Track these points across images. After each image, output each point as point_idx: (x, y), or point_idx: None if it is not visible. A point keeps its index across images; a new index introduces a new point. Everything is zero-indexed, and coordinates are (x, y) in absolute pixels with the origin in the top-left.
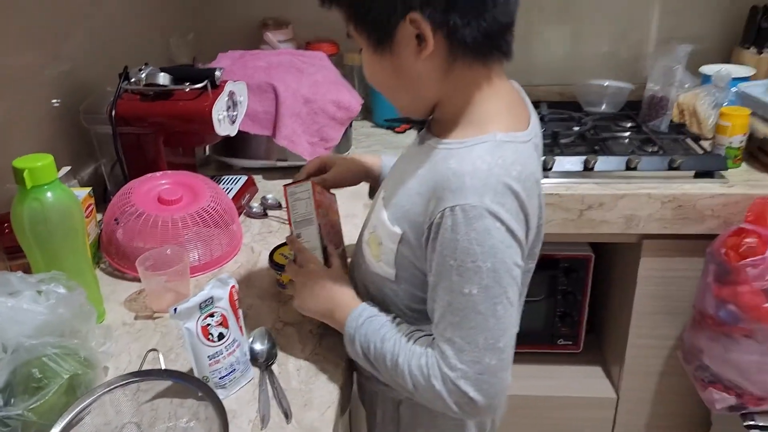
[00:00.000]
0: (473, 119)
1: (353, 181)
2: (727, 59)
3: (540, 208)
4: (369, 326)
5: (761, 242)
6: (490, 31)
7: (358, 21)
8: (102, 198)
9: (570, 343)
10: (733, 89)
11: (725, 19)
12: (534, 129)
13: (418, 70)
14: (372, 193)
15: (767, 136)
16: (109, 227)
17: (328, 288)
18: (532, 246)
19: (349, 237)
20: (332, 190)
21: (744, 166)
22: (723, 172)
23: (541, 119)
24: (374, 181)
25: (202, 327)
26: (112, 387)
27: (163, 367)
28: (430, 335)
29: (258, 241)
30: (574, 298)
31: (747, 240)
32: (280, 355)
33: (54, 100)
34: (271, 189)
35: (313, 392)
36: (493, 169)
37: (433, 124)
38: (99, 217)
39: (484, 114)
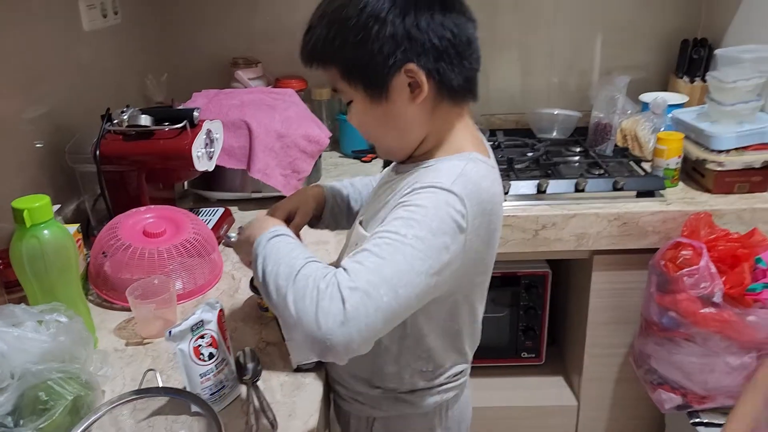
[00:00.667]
0: (451, 146)
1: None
2: (663, 87)
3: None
4: (286, 238)
5: (695, 254)
6: (469, 77)
7: (352, 76)
8: (85, 233)
9: (533, 355)
10: (669, 115)
11: (661, 51)
12: (494, 160)
13: (409, 114)
14: (313, 223)
15: (699, 158)
16: (97, 260)
17: (262, 219)
18: (488, 260)
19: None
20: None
21: (681, 185)
22: (662, 192)
23: (498, 146)
24: (321, 208)
25: (194, 348)
26: (115, 404)
27: (160, 385)
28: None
29: (238, 269)
30: (535, 312)
31: (683, 252)
32: (265, 372)
33: (37, 143)
34: (247, 219)
35: (296, 404)
36: (468, 172)
37: (412, 156)
38: (85, 250)
39: (460, 142)
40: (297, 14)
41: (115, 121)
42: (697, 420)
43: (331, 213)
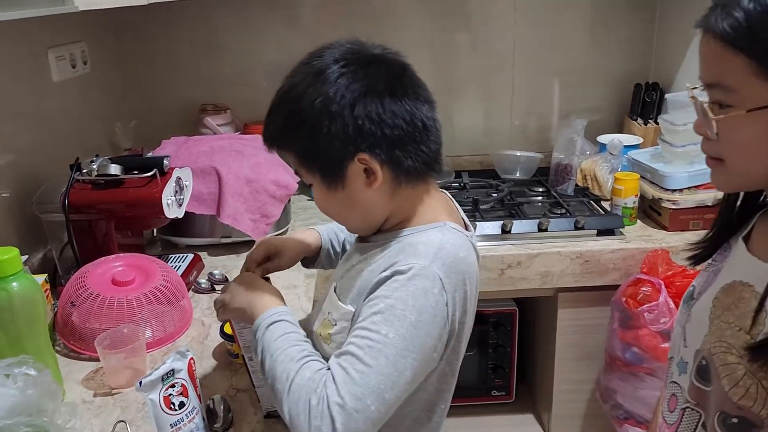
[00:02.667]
0: (422, 218)
1: (298, 260)
2: (619, 129)
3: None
4: (284, 324)
5: (654, 290)
6: (427, 159)
7: (309, 165)
8: (52, 282)
9: (503, 393)
10: (625, 156)
11: (615, 94)
12: (471, 232)
13: (368, 198)
14: (308, 264)
15: (655, 196)
16: (65, 310)
17: (256, 285)
18: (467, 327)
19: (291, 305)
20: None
21: (639, 223)
22: (621, 230)
23: (464, 187)
24: (314, 253)
25: (165, 397)
26: None
27: None
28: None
29: (207, 315)
30: (504, 350)
31: (643, 288)
32: (236, 419)
33: (3, 192)
34: (217, 264)
35: None
36: (444, 245)
37: (381, 230)
38: (53, 300)
39: (432, 213)
40: (264, 60)
41: (85, 171)
42: None
43: (327, 255)
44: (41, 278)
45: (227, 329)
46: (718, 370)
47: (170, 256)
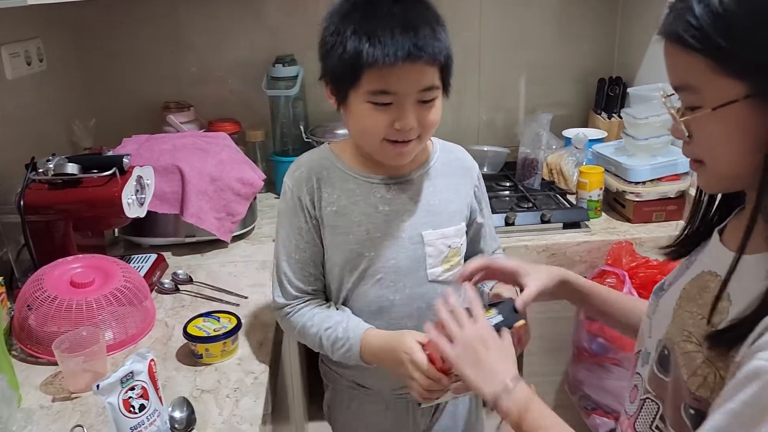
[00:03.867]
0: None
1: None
2: (584, 123)
3: None
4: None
5: (619, 281)
6: None
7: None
8: (9, 285)
9: None
10: (590, 150)
11: (580, 89)
12: None
13: None
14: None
15: (619, 189)
16: (22, 314)
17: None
18: None
19: (257, 305)
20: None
21: (604, 215)
22: (586, 222)
23: None
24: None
25: (124, 400)
26: None
27: None
28: None
29: (171, 316)
30: None
31: (608, 280)
32: (199, 420)
33: None
34: (181, 264)
35: None
36: None
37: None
38: (9, 304)
39: None
40: (230, 57)
41: (41, 170)
42: None
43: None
44: None
45: (191, 330)
46: (678, 358)
47: (133, 256)
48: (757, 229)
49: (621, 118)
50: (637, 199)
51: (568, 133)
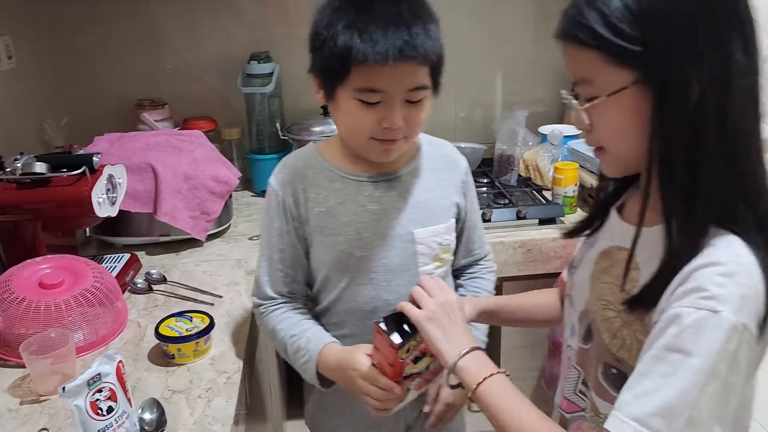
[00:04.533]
0: None
1: None
2: (560, 120)
3: None
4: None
5: None
6: None
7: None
8: None
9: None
10: (565, 146)
11: (556, 85)
12: None
13: None
14: None
15: (593, 185)
16: None
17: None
18: None
19: (232, 304)
20: None
21: (579, 211)
22: (562, 218)
23: None
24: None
25: (91, 402)
26: None
27: None
28: None
29: (144, 316)
30: None
31: None
32: (170, 421)
33: None
34: (155, 264)
35: None
36: None
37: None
38: None
39: None
40: (205, 53)
41: (8, 169)
42: None
43: None
44: None
45: (163, 330)
46: (599, 325)
47: (105, 256)
48: (652, 204)
49: None
50: None
51: (544, 129)
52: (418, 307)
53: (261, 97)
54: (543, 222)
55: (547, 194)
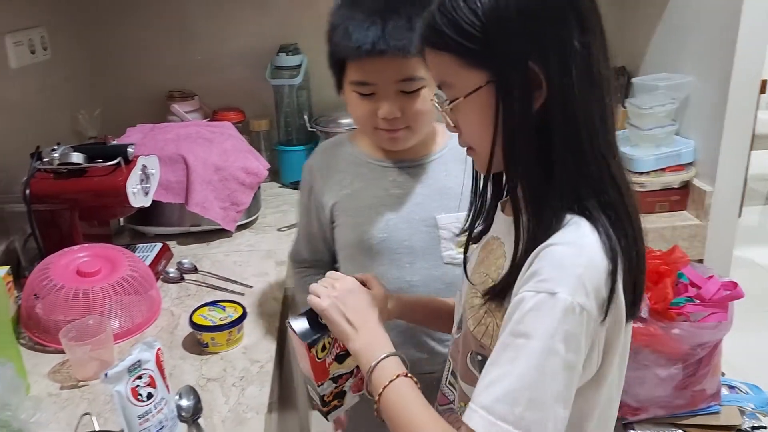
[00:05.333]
0: None
1: None
2: None
3: None
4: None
5: None
6: None
7: None
8: (16, 274)
9: None
10: None
11: None
12: None
13: None
14: None
15: None
16: (29, 303)
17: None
18: None
19: (263, 294)
20: None
21: None
22: None
23: None
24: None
25: (132, 389)
26: None
27: (97, 429)
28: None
29: (177, 305)
30: None
31: None
32: (206, 409)
33: None
34: (186, 253)
35: None
36: None
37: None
38: (16, 293)
39: None
40: (234, 46)
41: (46, 159)
42: (632, 431)
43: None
44: (3, 270)
45: (196, 319)
46: (467, 313)
47: (138, 245)
48: (520, 196)
49: (625, 108)
50: (641, 190)
51: None
52: None
53: (289, 89)
54: None
55: None
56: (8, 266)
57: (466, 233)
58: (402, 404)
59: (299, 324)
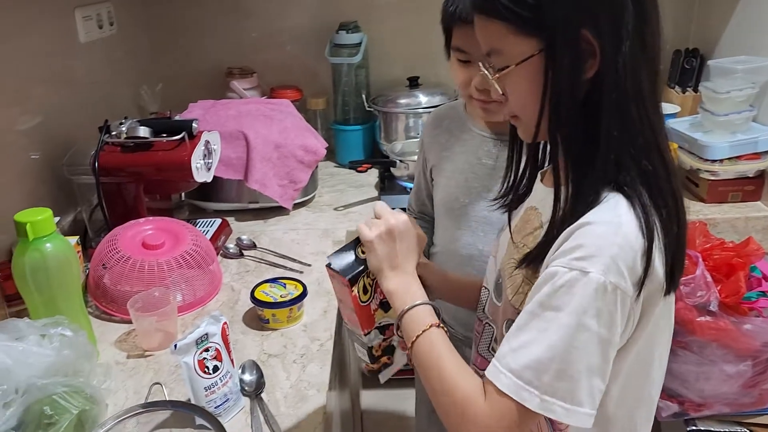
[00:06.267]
0: None
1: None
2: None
3: None
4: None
5: (691, 263)
6: None
7: None
8: (83, 244)
9: None
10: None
11: None
12: None
13: None
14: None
15: (693, 167)
16: (97, 272)
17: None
18: None
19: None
20: None
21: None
22: None
23: None
24: None
25: (199, 361)
26: (122, 418)
27: (167, 398)
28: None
29: (237, 281)
30: None
31: None
32: (268, 384)
33: (33, 154)
34: (244, 230)
35: (300, 416)
36: None
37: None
38: (84, 262)
39: None
40: (291, 24)
41: (114, 133)
42: (694, 428)
43: None
44: (73, 240)
45: (258, 295)
46: (506, 282)
47: (198, 220)
48: (561, 167)
49: (697, 92)
50: (713, 178)
51: None
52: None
53: (348, 68)
54: None
55: None
56: (77, 236)
57: (501, 199)
58: (436, 354)
59: (339, 260)
